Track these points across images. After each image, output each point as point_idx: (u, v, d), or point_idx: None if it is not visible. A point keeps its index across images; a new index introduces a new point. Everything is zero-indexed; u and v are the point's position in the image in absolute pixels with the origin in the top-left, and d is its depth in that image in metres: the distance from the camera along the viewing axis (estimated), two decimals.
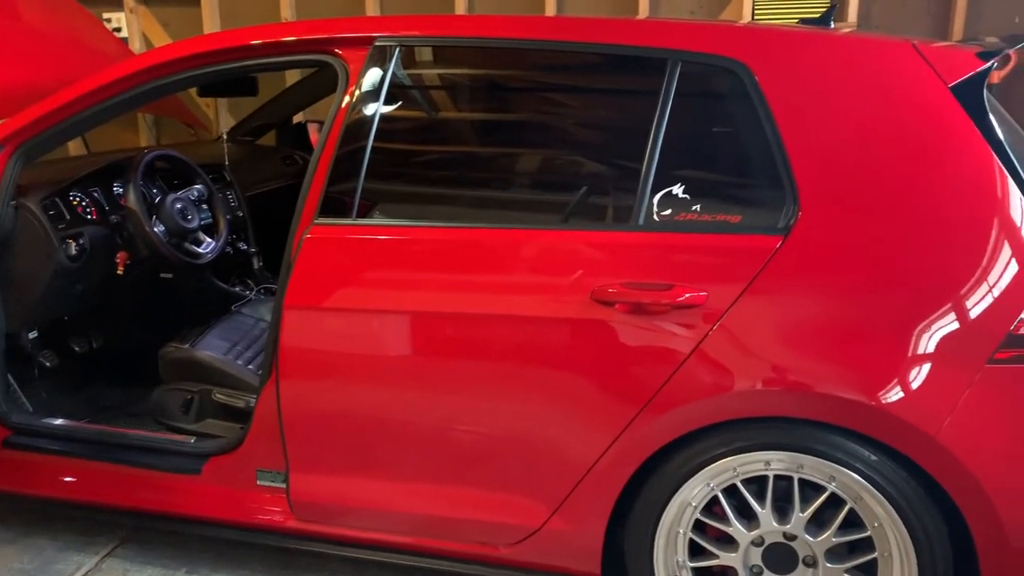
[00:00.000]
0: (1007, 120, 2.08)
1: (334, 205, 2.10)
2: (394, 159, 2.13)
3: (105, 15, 4.61)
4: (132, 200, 2.60)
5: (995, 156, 1.82)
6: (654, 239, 1.93)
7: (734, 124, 1.96)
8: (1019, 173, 1.81)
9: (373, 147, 2.09)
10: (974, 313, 1.77)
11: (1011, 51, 2.06)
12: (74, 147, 4.25)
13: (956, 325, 1.77)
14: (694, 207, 1.93)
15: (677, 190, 1.95)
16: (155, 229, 2.66)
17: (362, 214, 2.09)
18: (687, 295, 1.87)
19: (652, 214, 1.94)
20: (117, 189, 2.79)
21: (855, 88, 1.89)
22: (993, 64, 1.94)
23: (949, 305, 1.78)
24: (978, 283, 1.78)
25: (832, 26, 2.43)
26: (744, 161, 1.96)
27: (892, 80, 1.90)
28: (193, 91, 4.12)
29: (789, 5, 3.97)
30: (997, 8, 3.87)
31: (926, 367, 1.78)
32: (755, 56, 1.93)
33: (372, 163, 2.09)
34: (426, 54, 2.15)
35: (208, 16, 4.52)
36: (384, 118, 2.11)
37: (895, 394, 1.78)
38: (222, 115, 4.65)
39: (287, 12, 4.42)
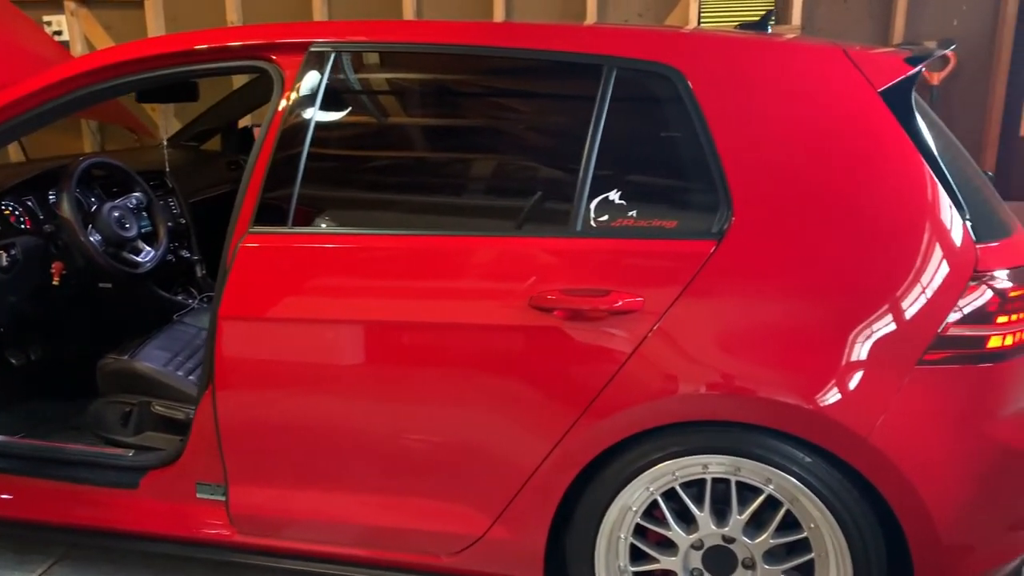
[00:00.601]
0: (936, 123, 2.11)
1: (270, 213, 2.07)
2: (330, 166, 2.11)
3: (45, 18, 4.52)
4: (66, 209, 2.54)
5: (923, 160, 1.85)
6: (591, 245, 1.93)
7: (669, 130, 1.97)
8: (946, 177, 1.84)
9: (309, 154, 2.07)
10: (904, 315, 1.80)
11: (938, 55, 2.08)
12: (14, 154, 4.16)
13: (887, 328, 1.80)
14: (630, 213, 1.94)
15: (613, 196, 1.95)
16: (91, 238, 2.61)
17: (298, 222, 2.06)
18: (623, 301, 1.88)
19: (589, 220, 1.94)
20: (52, 197, 2.72)
21: (786, 93, 1.91)
22: (920, 69, 1.97)
23: (880, 308, 1.80)
24: (908, 286, 1.80)
25: (770, 30, 2.45)
26: (679, 167, 1.97)
27: (822, 85, 1.92)
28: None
29: (734, 9, 4.01)
30: (936, 12, 3.94)
31: (858, 369, 1.80)
32: (689, 62, 1.94)
33: (308, 170, 2.07)
34: (362, 60, 2.13)
35: (152, 19, 4.45)
36: (320, 124, 2.09)
37: (828, 397, 1.80)
38: (168, 120, 4.58)
39: (233, 15, 4.37)
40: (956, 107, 4.03)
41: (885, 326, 1.80)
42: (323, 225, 2.07)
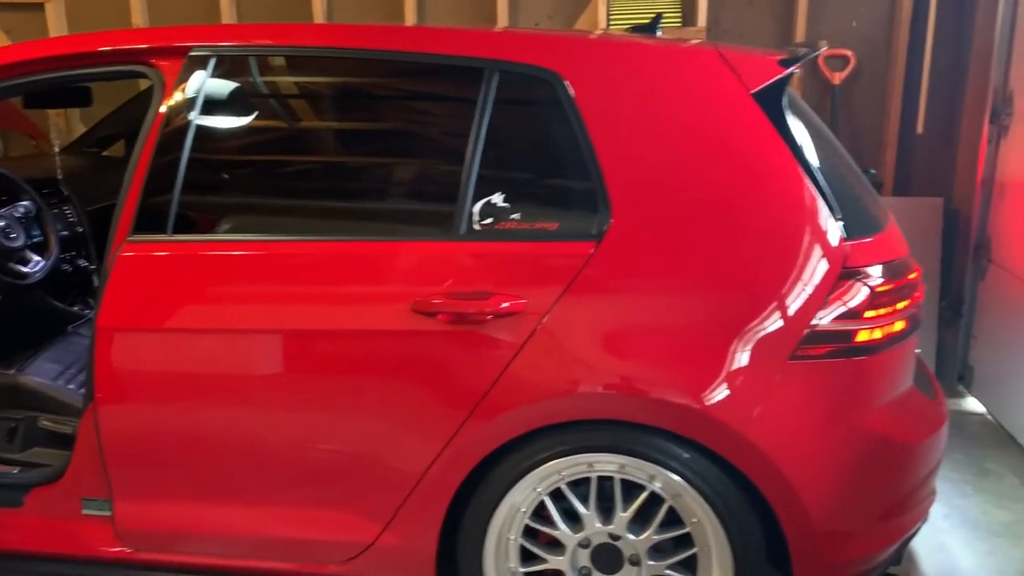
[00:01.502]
0: (812, 122, 2.16)
1: (148, 220, 2.03)
2: (209, 172, 2.08)
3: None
4: None
5: (795, 159, 1.89)
6: (474, 248, 1.93)
7: (550, 133, 1.98)
8: (817, 176, 1.89)
9: (188, 160, 2.03)
10: (776, 312, 1.84)
11: (809, 57, 2.13)
12: None
13: (759, 324, 1.84)
14: (513, 215, 1.95)
15: (497, 199, 1.96)
16: None
17: (178, 229, 2.02)
18: (507, 303, 1.89)
19: (473, 223, 1.95)
20: None
21: (663, 95, 1.94)
22: (792, 71, 2.02)
23: (752, 306, 1.84)
24: (779, 283, 1.84)
25: (659, 33, 2.48)
26: (560, 169, 1.98)
27: (698, 87, 1.95)
28: None
29: (642, 11, 4.05)
30: (835, 13, 4.04)
31: (732, 366, 1.84)
32: (567, 65, 1.96)
33: (187, 176, 2.03)
34: (243, 64, 2.10)
35: (53, 22, 4.32)
36: (199, 130, 2.05)
37: (703, 393, 1.83)
38: (75, 125, 4.46)
39: (138, 18, 4.27)
40: (857, 106, 4.14)
41: (757, 323, 1.84)
42: (202, 232, 2.03)
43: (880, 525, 1.96)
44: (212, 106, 2.07)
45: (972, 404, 3.70)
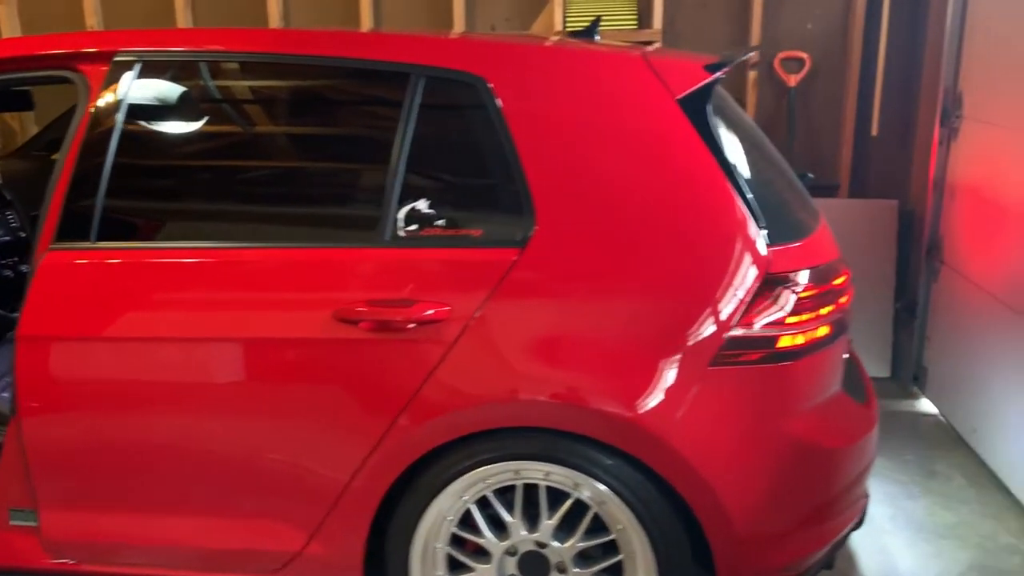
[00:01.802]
0: (743, 126, 2.16)
1: (72, 227, 2.01)
2: (134, 178, 2.06)
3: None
4: None
5: (718, 166, 1.89)
6: (398, 255, 1.92)
7: (475, 139, 1.97)
8: (740, 182, 1.89)
9: (112, 166, 2.02)
10: (697, 318, 1.84)
11: (737, 60, 2.13)
12: None
13: (680, 331, 1.84)
14: (438, 222, 1.94)
15: (422, 205, 1.95)
16: None
17: (101, 236, 2.00)
18: (430, 311, 1.87)
19: (397, 229, 1.93)
20: None
21: (588, 101, 1.93)
22: (719, 76, 2.01)
23: (674, 312, 1.84)
24: (701, 289, 1.84)
25: (597, 38, 2.48)
26: (485, 175, 1.97)
27: (623, 93, 1.95)
28: None
29: (599, 13, 4.05)
30: (791, 15, 4.06)
31: (653, 372, 1.83)
32: (493, 70, 1.95)
33: (111, 183, 2.01)
34: (168, 69, 2.08)
35: (6, 23, 4.28)
36: (123, 136, 2.03)
37: (624, 399, 1.83)
38: (29, 128, 4.42)
39: (92, 19, 4.24)
40: (814, 108, 4.15)
41: (678, 329, 1.84)
42: (125, 239, 2.01)
43: (806, 530, 1.96)
44: (135, 112, 2.05)
45: (926, 405, 3.72)
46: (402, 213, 1.94)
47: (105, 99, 2.05)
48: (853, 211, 3.98)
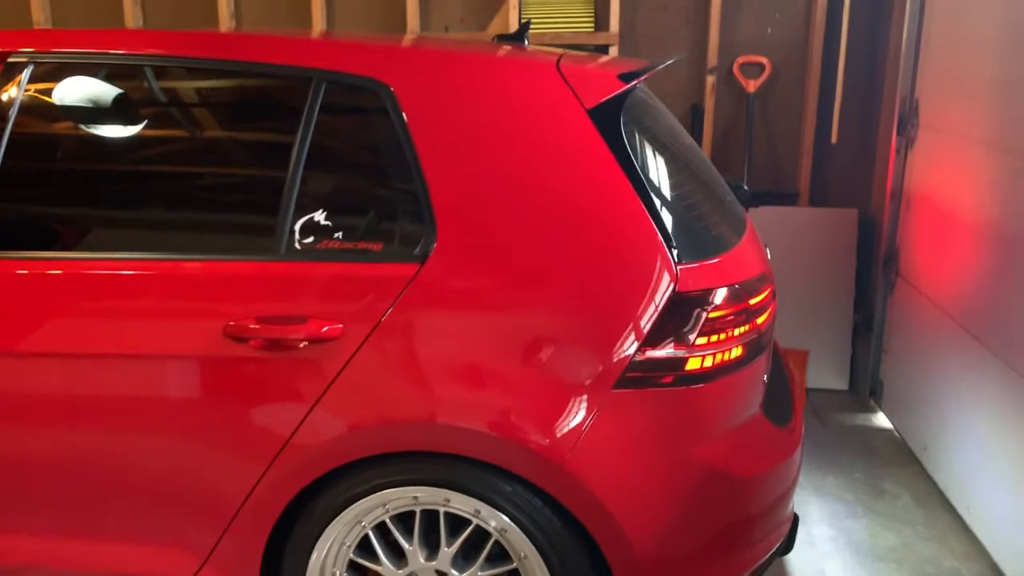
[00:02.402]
0: (663, 136, 2.08)
1: None
2: (21, 183, 1.97)
3: None
4: None
5: (627, 181, 1.80)
6: (292, 269, 1.84)
7: (377, 148, 1.89)
8: (650, 197, 1.80)
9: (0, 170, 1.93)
10: (600, 339, 1.75)
11: (652, 71, 2.05)
12: None
13: (582, 352, 1.75)
14: (336, 235, 1.85)
15: (320, 217, 1.86)
16: None
17: None
18: (323, 328, 1.79)
19: (293, 242, 1.85)
20: None
21: (495, 111, 1.85)
22: (632, 86, 1.93)
23: (576, 333, 1.76)
24: (604, 309, 1.76)
25: (526, 43, 2.39)
26: (387, 187, 1.89)
27: (532, 102, 1.86)
28: None
29: (554, 15, 3.97)
30: (750, 19, 3.98)
31: (552, 395, 1.75)
32: (398, 77, 1.87)
33: None
34: (62, 70, 1.99)
35: None
36: (12, 139, 1.95)
37: (520, 423, 1.74)
38: None
39: (39, 16, 4.15)
40: (773, 115, 4.07)
41: (581, 350, 1.76)
42: (8, 247, 1.92)
43: (718, 558, 1.88)
44: (24, 114, 1.97)
45: (882, 420, 3.64)
46: (298, 225, 1.85)
47: None
48: (813, 220, 3.90)
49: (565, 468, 1.74)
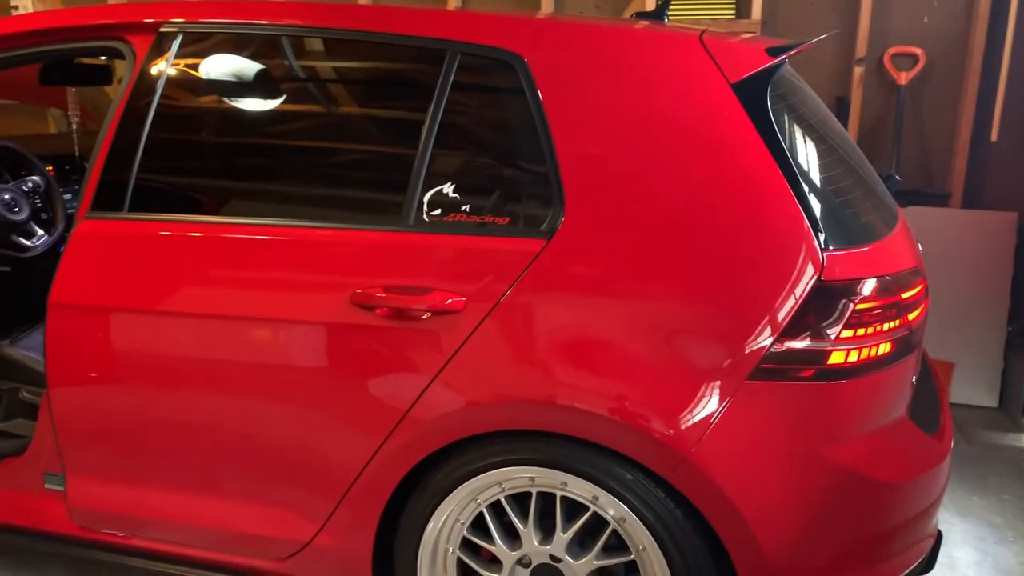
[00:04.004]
0: (811, 116, 1.95)
1: (106, 198, 2.01)
2: (166, 151, 2.03)
3: (12, 2, 4.53)
4: None
5: (773, 160, 1.70)
6: (419, 240, 1.82)
7: (509, 121, 1.85)
8: (797, 178, 1.69)
9: (147, 138, 2.00)
10: (736, 326, 1.65)
11: (803, 47, 1.92)
12: None
13: (715, 339, 1.66)
14: (463, 207, 1.82)
15: (448, 189, 1.84)
16: None
17: (133, 208, 1.99)
18: (446, 301, 1.76)
19: (422, 214, 1.83)
20: None
21: (633, 85, 1.78)
22: (781, 61, 1.82)
23: (709, 318, 1.66)
24: (742, 295, 1.66)
25: (666, 20, 2.31)
26: (517, 160, 1.84)
27: (672, 76, 1.78)
28: None
29: (694, 1, 3.84)
30: (905, 6, 3.74)
31: (681, 383, 1.66)
32: (533, 49, 1.82)
33: (145, 155, 1.99)
34: (209, 41, 2.05)
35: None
36: (160, 107, 2.01)
37: (645, 409, 1.66)
38: None
39: None
40: (926, 109, 3.81)
41: (714, 336, 1.66)
42: (156, 211, 1.99)
43: (851, 569, 1.74)
44: (172, 84, 2.03)
45: None
46: (428, 196, 1.84)
47: (146, 71, 2.04)
48: (966, 222, 3.63)
49: (690, 460, 1.65)
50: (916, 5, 3.72)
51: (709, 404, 1.66)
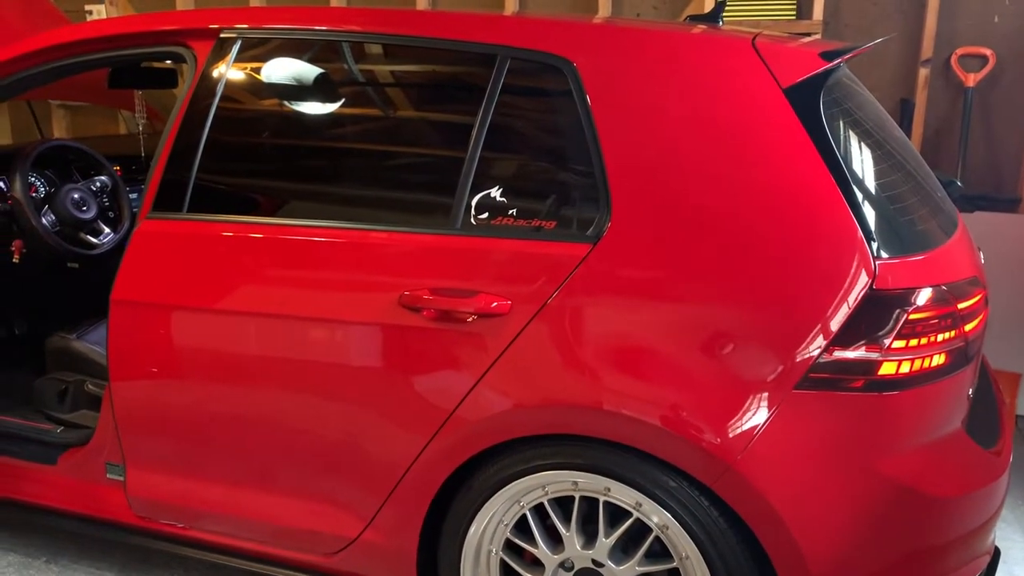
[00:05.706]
0: (866, 120, 1.91)
1: (167, 198, 2.07)
2: (225, 153, 2.08)
3: (87, 7, 4.70)
4: (16, 189, 2.62)
5: (825, 166, 1.67)
6: (466, 243, 1.83)
7: (558, 125, 1.85)
8: (849, 185, 1.66)
9: (207, 140, 2.06)
10: (784, 334, 1.63)
11: (859, 50, 1.88)
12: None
13: (763, 346, 1.64)
14: (511, 211, 1.84)
15: (496, 193, 1.85)
16: (44, 219, 2.68)
17: (192, 209, 2.05)
18: (493, 304, 1.78)
19: (470, 217, 1.85)
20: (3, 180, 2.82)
21: (683, 90, 1.77)
22: (836, 64, 1.79)
23: (756, 325, 1.65)
24: (791, 302, 1.64)
25: (721, 24, 2.29)
26: (565, 165, 1.84)
27: (723, 81, 1.77)
28: None
29: (753, 1, 3.79)
30: (974, 6, 3.63)
31: (727, 391, 1.65)
32: (582, 54, 1.83)
33: (204, 157, 2.05)
34: (266, 46, 2.10)
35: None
36: (219, 111, 2.07)
37: (693, 417, 1.65)
38: None
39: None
40: (994, 112, 3.70)
41: (761, 344, 1.64)
42: (214, 213, 2.04)
43: None
44: (232, 89, 2.08)
45: None
46: (476, 200, 1.85)
47: (207, 75, 2.09)
48: None
49: (735, 468, 1.63)
50: (986, 5, 3.61)
51: (755, 413, 1.64)
